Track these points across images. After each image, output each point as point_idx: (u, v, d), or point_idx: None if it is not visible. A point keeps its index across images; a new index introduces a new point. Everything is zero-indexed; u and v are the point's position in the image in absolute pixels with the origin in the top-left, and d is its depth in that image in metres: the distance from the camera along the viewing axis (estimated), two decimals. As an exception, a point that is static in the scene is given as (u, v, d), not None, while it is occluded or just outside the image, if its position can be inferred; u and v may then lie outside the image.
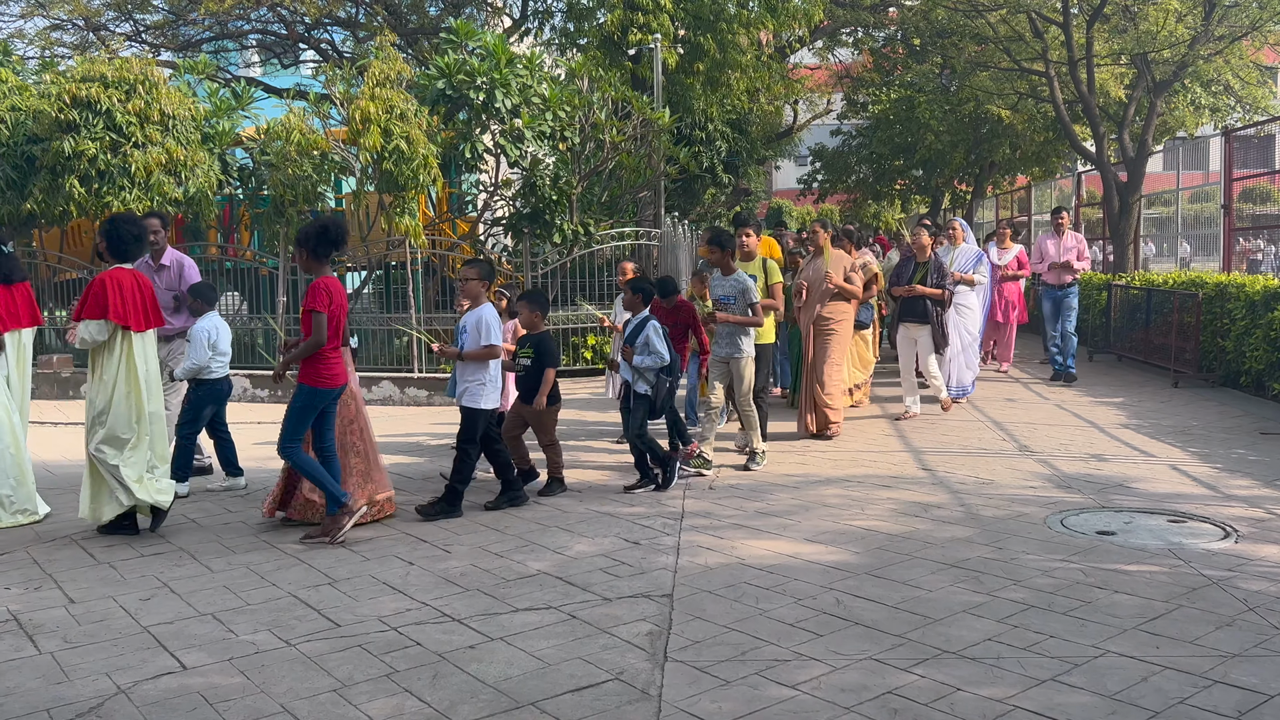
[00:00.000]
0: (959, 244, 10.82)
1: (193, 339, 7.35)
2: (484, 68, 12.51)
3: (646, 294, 7.51)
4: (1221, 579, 5.01)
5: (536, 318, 7.26)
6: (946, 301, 9.69)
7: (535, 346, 7.17)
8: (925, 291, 9.51)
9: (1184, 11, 15.19)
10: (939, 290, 9.56)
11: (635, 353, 7.18)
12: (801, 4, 18.50)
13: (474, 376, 6.77)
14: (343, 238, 6.32)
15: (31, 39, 21.28)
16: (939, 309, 9.58)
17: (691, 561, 5.50)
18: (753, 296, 7.65)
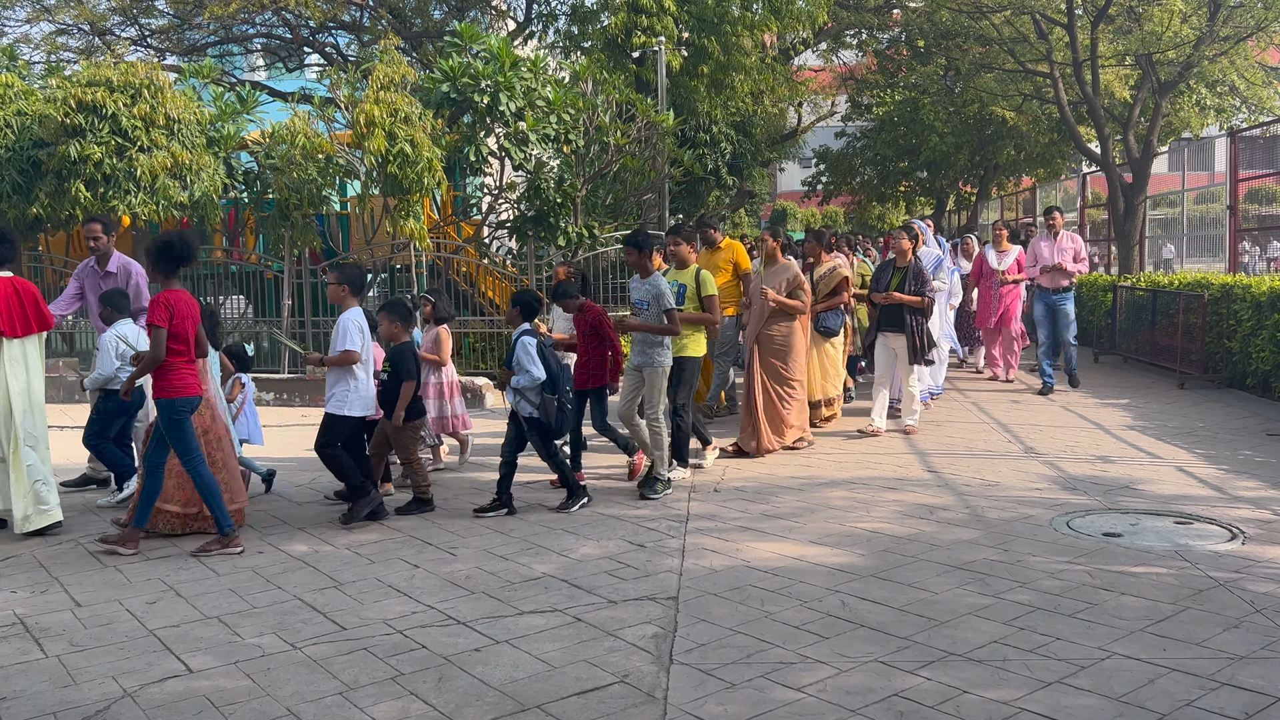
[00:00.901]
0: (919, 246, 10.12)
1: (100, 348, 7.11)
2: (488, 71, 12.52)
3: (526, 306, 6.96)
4: (1228, 581, 4.99)
5: (396, 328, 7.00)
6: (927, 310, 9.05)
7: (392, 359, 6.92)
8: (903, 299, 8.90)
9: (1189, 12, 15.18)
10: (918, 298, 8.93)
11: (514, 373, 6.69)
12: (805, 6, 18.50)
13: (337, 383, 6.64)
14: (188, 253, 6.04)
15: (37, 44, 21.36)
16: (918, 318, 8.94)
17: (697, 564, 5.49)
18: (667, 302, 7.13)
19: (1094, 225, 20.19)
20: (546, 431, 6.73)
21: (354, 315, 6.72)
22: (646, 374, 7.24)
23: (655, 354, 7.23)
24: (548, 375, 6.64)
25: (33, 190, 12.35)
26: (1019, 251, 12.23)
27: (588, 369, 7.52)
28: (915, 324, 8.91)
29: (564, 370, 6.92)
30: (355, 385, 6.65)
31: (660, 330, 7.20)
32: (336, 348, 6.66)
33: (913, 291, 8.92)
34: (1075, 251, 11.38)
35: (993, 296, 12.15)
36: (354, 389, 6.64)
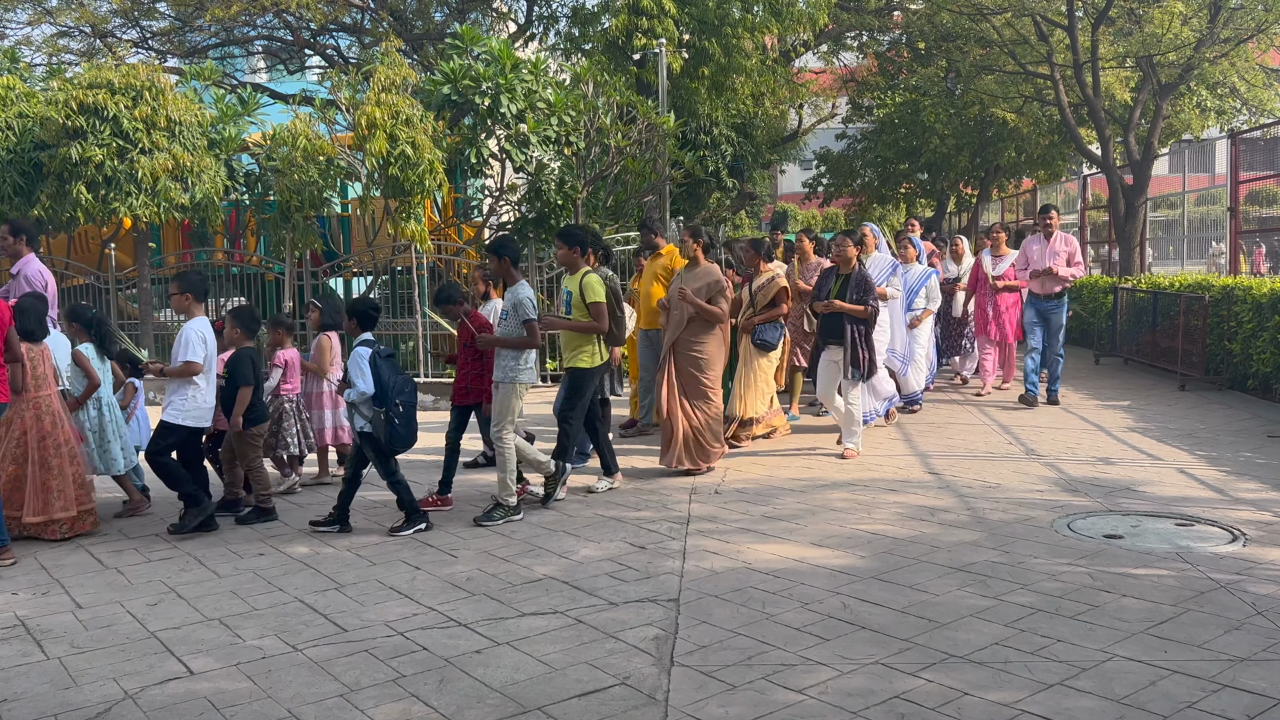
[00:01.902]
0: (869, 252, 9.55)
1: None
2: (489, 73, 12.53)
3: (362, 316, 6.64)
4: (1229, 583, 4.99)
5: (238, 334, 6.91)
6: (871, 319, 8.26)
7: (230, 365, 6.82)
8: (844, 308, 8.19)
9: (1189, 14, 15.18)
10: (860, 307, 8.19)
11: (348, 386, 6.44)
12: (806, 8, 18.51)
13: (176, 392, 6.55)
14: None
15: (38, 46, 21.37)
16: (860, 329, 8.21)
17: (698, 566, 5.49)
18: (524, 313, 6.63)
19: (1094, 227, 20.20)
20: (379, 447, 6.42)
21: (197, 325, 6.60)
22: (501, 390, 6.72)
23: (510, 369, 6.68)
24: (379, 388, 6.31)
25: (34, 192, 12.36)
26: (1017, 256, 11.41)
27: (467, 382, 7.28)
28: (856, 335, 8.20)
29: (401, 383, 6.45)
30: (193, 395, 6.53)
31: (515, 344, 6.66)
32: (177, 358, 6.54)
33: (855, 300, 8.22)
34: (1069, 254, 10.54)
35: (988, 304, 11.49)
36: (191, 399, 6.53)
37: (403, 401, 6.41)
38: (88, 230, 15.45)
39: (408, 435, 6.45)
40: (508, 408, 6.69)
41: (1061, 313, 10.59)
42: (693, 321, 7.79)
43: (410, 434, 6.48)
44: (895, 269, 9.68)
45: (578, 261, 7.25)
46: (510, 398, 6.69)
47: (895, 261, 9.75)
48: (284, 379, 7.68)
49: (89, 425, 6.89)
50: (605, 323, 7.18)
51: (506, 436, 6.67)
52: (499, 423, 6.69)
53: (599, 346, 7.27)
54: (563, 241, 7.27)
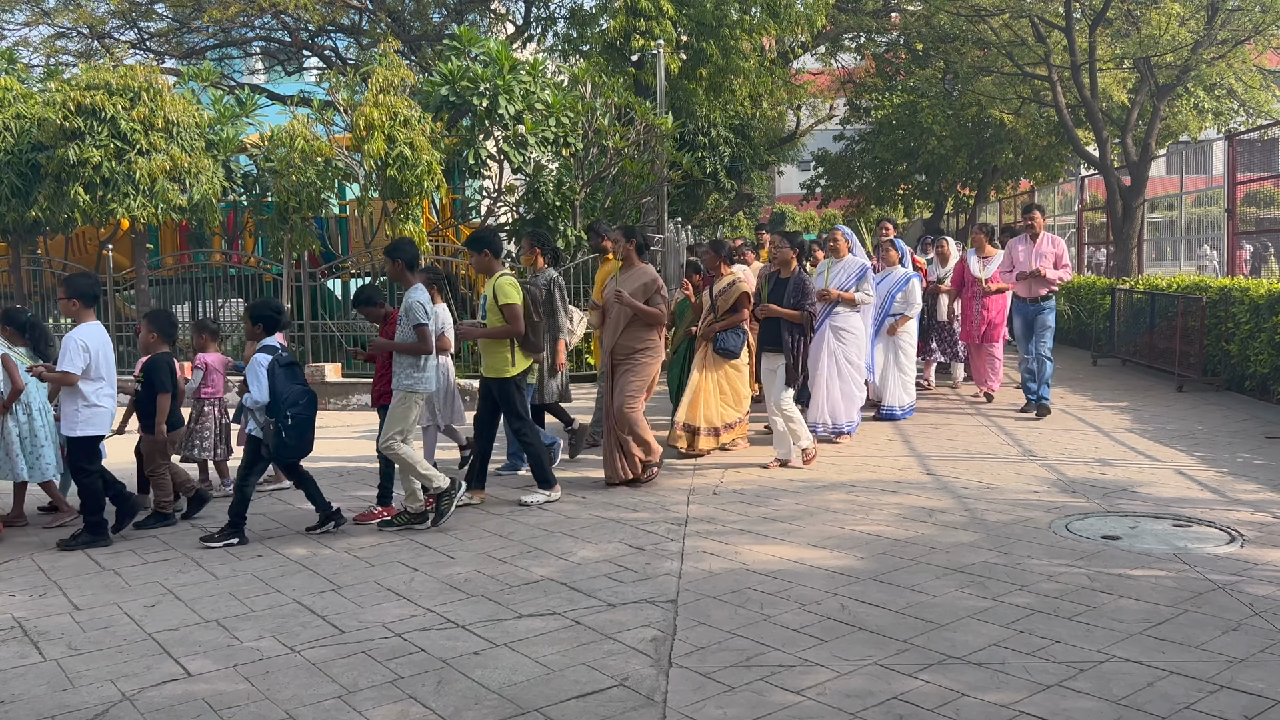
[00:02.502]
0: (842, 256, 9.18)
1: None
2: (487, 74, 12.54)
3: (266, 320, 6.53)
4: (1227, 584, 4.99)
5: (153, 339, 6.80)
6: (807, 326, 7.94)
7: (146, 371, 6.70)
8: (780, 312, 7.86)
9: (1186, 15, 15.20)
10: (796, 312, 7.87)
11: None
12: (804, 9, 18.51)
13: (66, 403, 6.35)
14: None
15: (36, 47, 21.37)
16: (796, 336, 7.89)
17: (696, 567, 5.49)
18: (415, 317, 6.38)
19: (1092, 228, 20.22)
20: (257, 455, 6.34)
21: (80, 333, 6.29)
22: (395, 397, 6.51)
23: (404, 376, 6.46)
24: (273, 398, 6.21)
25: (31, 193, 12.37)
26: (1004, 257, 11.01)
27: (385, 385, 6.95)
28: (793, 342, 7.87)
29: (297, 394, 6.31)
30: (81, 404, 6.28)
31: (404, 349, 6.43)
32: (59, 367, 6.32)
33: (791, 305, 7.88)
34: (1056, 256, 10.10)
35: (975, 308, 11.06)
36: (82, 409, 6.28)
37: (296, 413, 6.27)
38: (85, 231, 15.45)
39: (298, 447, 6.36)
40: (401, 417, 6.44)
41: (1048, 315, 10.13)
42: (630, 325, 7.53)
43: (302, 446, 6.37)
44: (865, 273, 9.10)
45: (490, 265, 7.08)
46: (405, 407, 6.45)
47: (866, 265, 9.22)
48: (204, 382, 7.58)
49: (18, 431, 6.73)
50: (520, 325, 6.91)
51: (397, 446, 6.41)
52: (390, 432, 6.41)
53: (514, 353, 7.00)
54: (469, 248, 7.13)
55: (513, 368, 7.02)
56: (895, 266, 10.20)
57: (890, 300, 10.05)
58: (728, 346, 8.45)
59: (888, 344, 10.02)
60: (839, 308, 8.93)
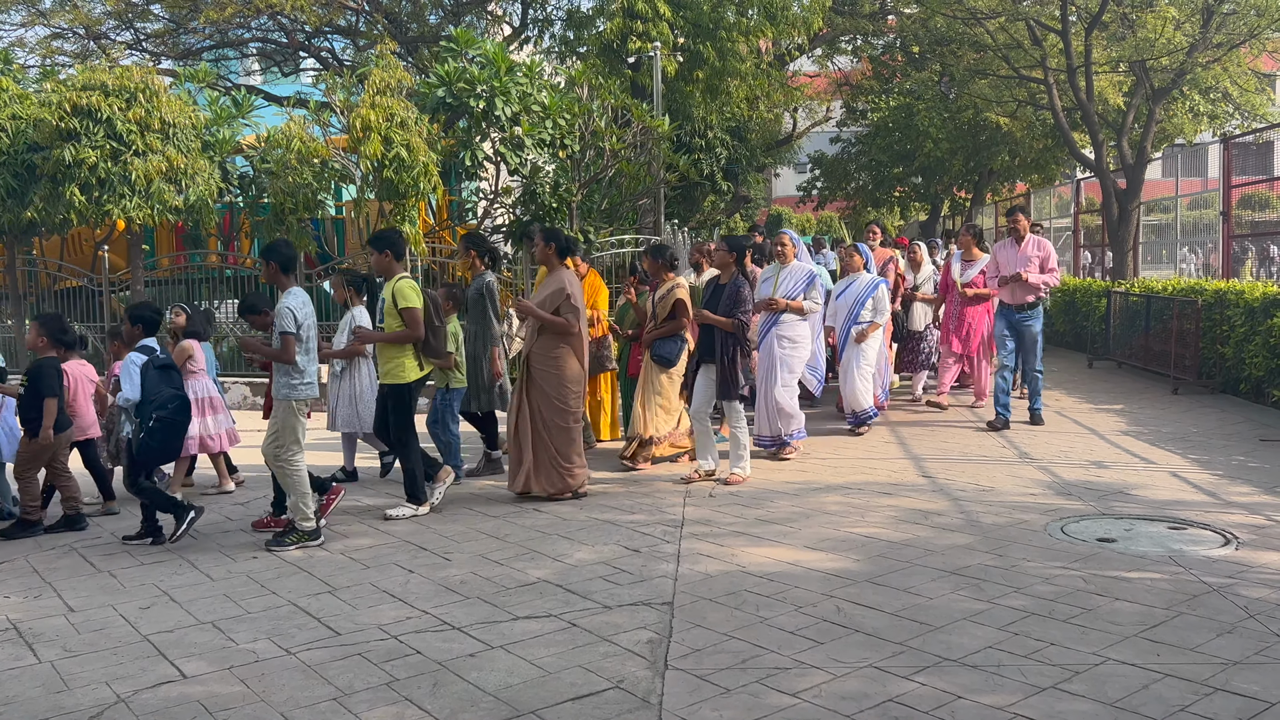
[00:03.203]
0: (789, 262, 8.68)
1: None
2: (484, 76, 12.53)
3: (147, 323, 6.50)
4: (1222, 586, 5.00)
5: (42, 342, 6.69)
6: (741, 335, 7.56)
7: (30, 375, 6.56)
8: (712, 320, 7.51)
9: (1182, 19, 15.23)
10: (727, 320, 7.49)
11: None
12: (801, 12, 18.53)
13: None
14: None
15: (32, 47, 21.35)
16: (731, 344, 7.52)
17: (692, 569, 5.49)
18: (281, 324, 6.16)
19: (1088, 231, 20.26)
20: (133, 457, 6.32)
21: None
22: (278, 407, 6.32)
23: (281, 385, 6.26)
24: (143, 400, 6.18)
25: (27, 194, 12.34)
26: (988, 261, 10.41)
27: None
28: (727, 351, 7.51)
29: (168, 397, 6.28)
30: None
31: (269, 354, 6.27)
32: None
33: (724, 313, 7.52)
34: (1042, 260, 9.56)
35: (952, 314, 10.71)
36: None
37: (163, 416, 6.20)
38: (81, 232, 15.43)
39: (163, 450, 6.32)
40: (286, 426, 6.23)
41: (1036, 324, 9.60)
42: (541, 335, 7.23)
43: (167, 450, 6.32)
44: (813, 280, 8.57)
45: (390, 267, 6.84)
46: (288, 415, 6.25)
47: (814, 272, 8.74)
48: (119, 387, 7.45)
49: None
50: (419, 330, 6.71)
51: (290, 457, 6.23)
52: (279, 441, 6.23)
53: (418, 358, 6.85)
54: (372, 247, 6.92)
55: (409, 374, 6.81)
56: (861, 273, 9.75)
57: (859, 307, 9.57)
58: (663, 354, 8.21)
59: (853, 351, 9.54)
60: (785, 316, 8.43)
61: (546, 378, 7.20)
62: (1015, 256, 9.62)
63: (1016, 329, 9.66)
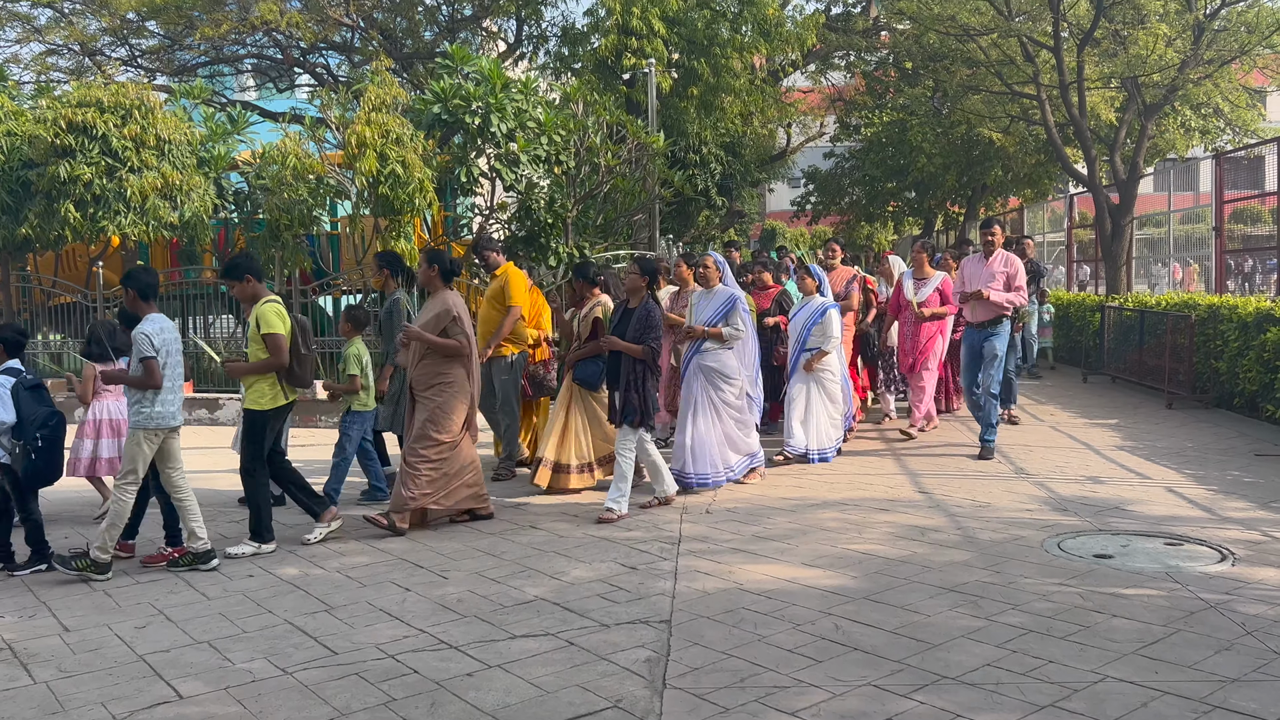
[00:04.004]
0: (713, 285, 8.06)
1: None
2: (479, 92, 12.56)
3: (10, 344, 6.29)
4: (1219, 602, 5.01)
5: None
6: (649, 362, 7.15)
7: None
8: (620, 346, 7.15)
9: (1173, 36, 15.34)
10: (636, 347, 7.11)
11: None
12: (794, 29, 18.65)
13: None
14: None
15: (27, 64, 21.38)
16: (639, 372, 7.12)
17: (689, 587, 5.48)
18: (142, 349, 5.98)
19: (1081, 245, 20.33)
20: (17, 481, 6.18)
21: None
22: (129, 435, 6.12)
23: (133, 412, 6.07)
24: (19, 421, 6.04)
25: (22, 211, 12.34)
26: (943, 279, 10.09)
27: None
28: (633, 379, 7.11)
29: (45, 415, 6.14)
30: None
31: (128, 382, 6.08)
32: None
33: (633, 339, 7.14)
34: (1007, 277, 8.92)
35: (907, 334, 10.16)
36: None
37: (45, 436, 6.10)
38: (75, 248, 15.42)
39: (48, 471, 6.19)
40: (133, 455, 6.03)
41: (999, 342, 8.88)
42: (426, 357, 6.89)
43: (51, 469, 6.20)
44: (733, 305, 7.91)
45: (255, 291, 6.61)
46: (136, 443, 6.02)
47: (737, 296, 8.01)
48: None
49: None
50: (282, 357, 6.42)
51: (126, 485, 6.04)
52: (122, 472, 6.06)
53: (279, 386, 6.52)
54: (227, 278, 6.74)
55: (265, 402, 6.49)
56: (813, 296, 9.10)
57: (806, 333, 9.00)
58: (583, 376, 7.84)
59: (808, 382, 8.93)
60: (707, 344, 7.89)
61: (424, 404, 6.89)
62: (981, 272, 9.05)
63: (975, 349, 9.01)
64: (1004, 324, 8.95)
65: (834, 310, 8.98)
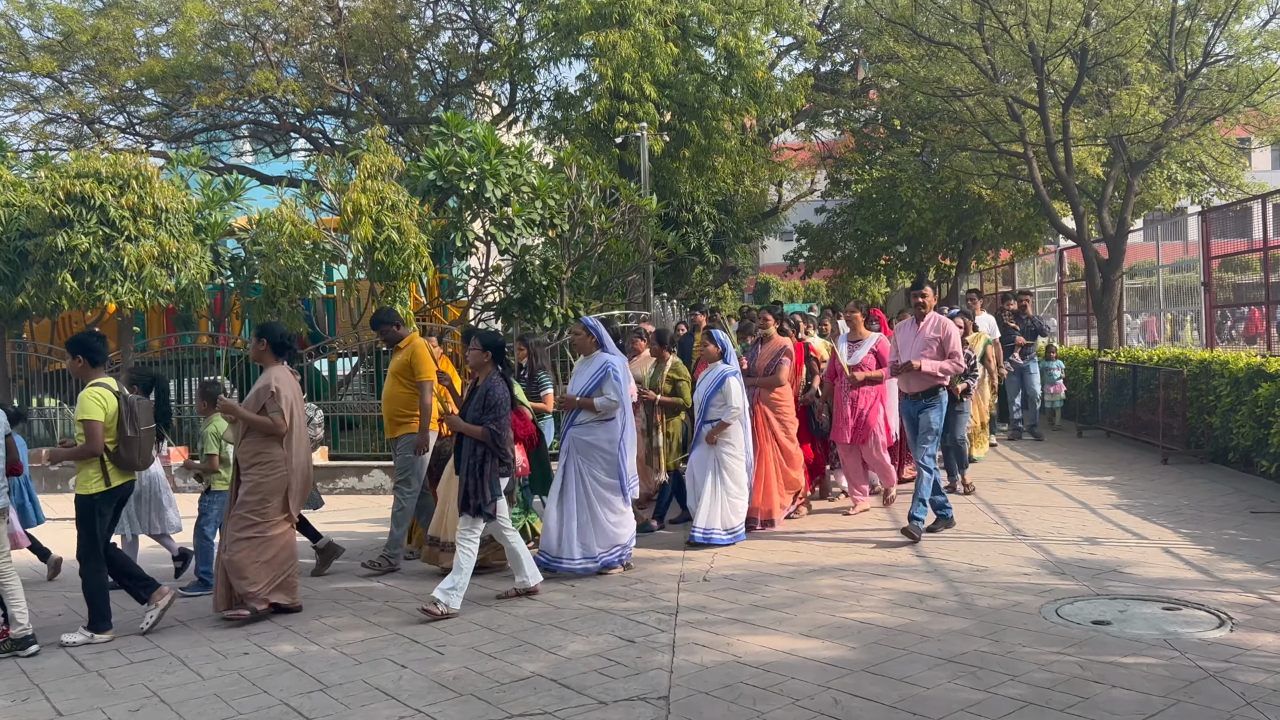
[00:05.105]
0: (590, 352, 7.60)
1: None
2: (474, 159, 12.73)
3: None
4: (1218, 671, 4.99)
5: None
6: (491, 443, 6.60)
7: None
8: (459, 426, 6.69)
9: (1155, 95, 15.60)
10: (476, 428, 6.61)
11: None
12: (784, 90, 18.95)
13: None
14: None
15: (26, 133, 21.61)
16: (479, 454, 6.60)
17: (687, 660, 5.45)
18: None
19: (1073, 296, 20.47)
20: None
21: None
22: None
23: None
24: None
25: (19, 281, 12.39)
26: (877, 340, 9.46)
27: None
28: (473, 462, 6.60)
29: None
30: None
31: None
32: None
33: (474, 419, 6.66)
34: (940, 343, 8.27)
35: (843, 401, 9.38)
36: None
37: None
38: (72, 315, 15.46)
39: None
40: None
41: (934, 413, 8.28)
42: (247, 435, 6.64)
43: None
44: (607, 372, 7.42)
45: (83, 372, 6.52)
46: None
47: (609, 363, 7.47)
48: None
49: None
50: (96, 444, 6.26)
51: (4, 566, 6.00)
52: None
53: (104, 471, 6.33)
54: (67, 350, 6.65)
55: (92, 485, 6.32)
56: (716, 363, 8.47)
57: (706, 403, 8.37)
58: None
59: (708, 456, 8.31)
60: (581, 416, 7.46)
61: (245, 481, 6.62)
62: (913, 340, 8.42)
63: (913, 421, 8.42)
64: (940, 394, 8.36)
65: (734, 378, 8.32)
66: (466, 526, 6.62)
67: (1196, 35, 15.75)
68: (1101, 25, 15.41)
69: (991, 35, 15.78)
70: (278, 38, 20.26)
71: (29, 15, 20.63)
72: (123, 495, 6.56)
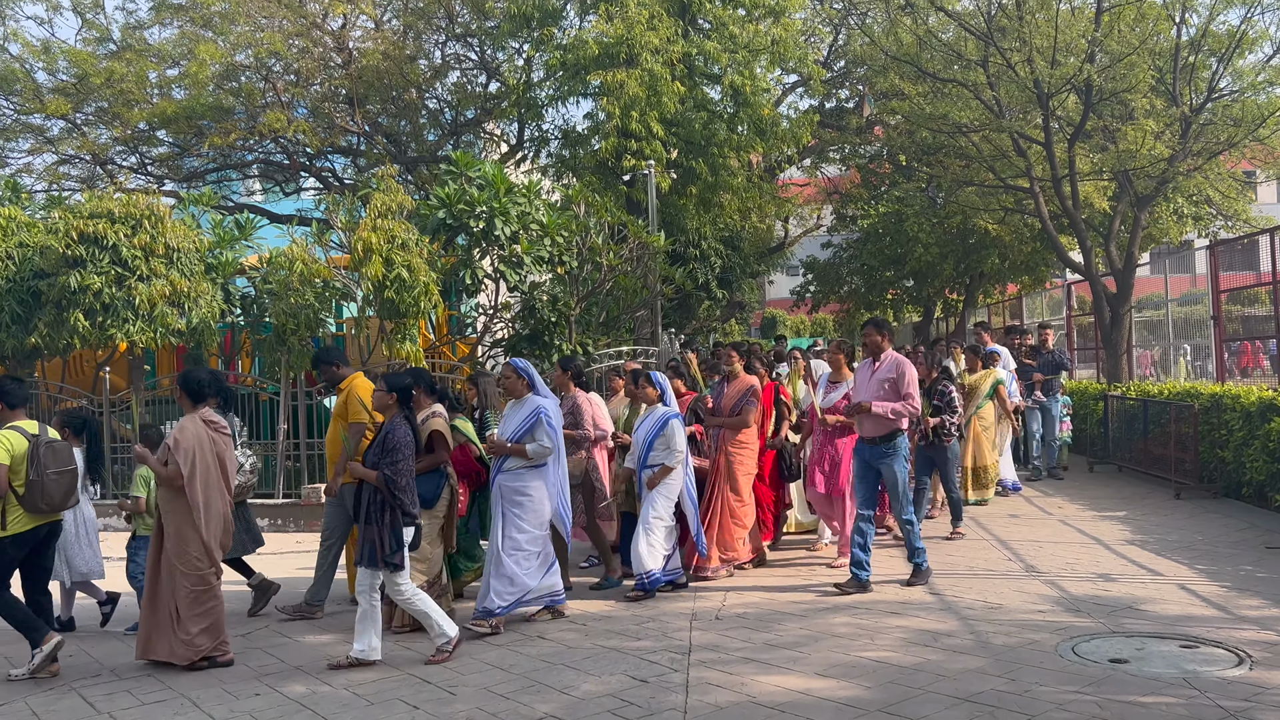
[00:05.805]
0: (520, 395, 7.22)
1: None
2: (483, 197, 12.83)
3: None
4: (1238, 710, 4.94)
5: None
6: (387, 490, 6.28)
7: None
8: (359, 472, 6.40)
9: (1160, 129, 15.67)
10: (371, 473, 6.32)
11: None
12: (789, 127, 19.08)
13: None
14: None
15: (39, 174, 21.82)
16: (377, 500, 6.29)
17: (701, 700, 5.41)
18: None
19: (1081, 329, 20.45)
20: None
21: None
22: None
23: None
24: None
25: (32, 320, 12.48)
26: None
27: None
28: (372, 510, 6.29)
29: None
30: None
31: None
32: None
33: (370, 464, 6.39)
34: (892, 382, 7.78)
35: (821, 446, 8.89)
36: None
37: None
38: (82, 354, 15.54)
39: None
40: None
41: (896, 462, 7.82)
42: (161, 484, 6.53)
43: None
44: (538, 417, 7.09)
45: (1, 415, 6.50)
46: None
47: (540, 408, 7.13)
48: None
49: None
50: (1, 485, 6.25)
51: None
52: None
53: (3, 514, 6.31)
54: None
55: (15, 524, 6.35)
56: (656, 405, 8.05)
57: (647, 448, 7.96)
58: (423, 493, 6.83)
59: (647, 501, 7.92)
60: (509, 462, 7.10)
61: (167, 532, 6.49)
62: (867, 380, 7.99)
63: (874, 468, 7.94)
64: (898, 442, 7.86)
65: (676, 420, 7.94)
66: (363, 579, 6.33)
67: (1201, 70, 15.86)
68: (1106, 61, 15.53)
69: (996, 72, 15.90)
70: (288, 79, 20.48)
71: (44, 58, 20.90)
72: (38, 539, 6.52)
